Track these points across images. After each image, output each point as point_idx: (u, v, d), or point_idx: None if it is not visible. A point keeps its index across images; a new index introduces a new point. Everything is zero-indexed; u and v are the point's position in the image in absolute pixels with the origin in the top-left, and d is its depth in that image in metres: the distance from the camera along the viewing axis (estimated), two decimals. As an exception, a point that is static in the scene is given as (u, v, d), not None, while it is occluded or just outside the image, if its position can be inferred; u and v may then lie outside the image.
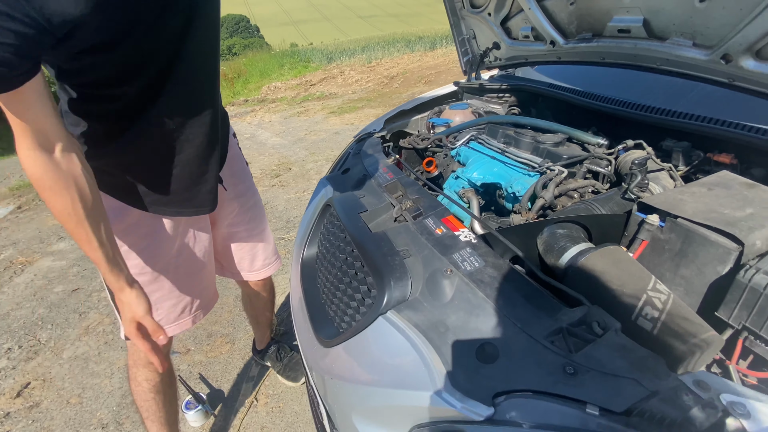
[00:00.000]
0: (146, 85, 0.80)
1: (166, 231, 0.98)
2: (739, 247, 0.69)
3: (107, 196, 0.89)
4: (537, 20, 1.32)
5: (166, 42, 0.79)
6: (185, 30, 0.81)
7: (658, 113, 1.08)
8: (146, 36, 0.74)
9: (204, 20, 0.84)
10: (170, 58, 0.80)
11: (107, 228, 0.80)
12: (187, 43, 0.81)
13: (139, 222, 0.95)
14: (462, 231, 0.86)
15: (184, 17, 0.79)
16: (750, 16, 0.79)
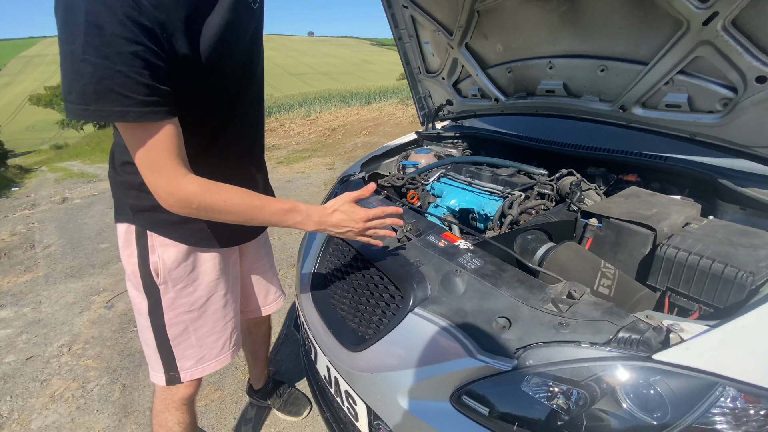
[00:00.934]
0: (216, 124, 0.91)
1: (212, 265, 1.03)
2: (653, 233, 1.00)
3: (160, 236, 0.93)
4: (483, 83, 1.70)
5: (241, 89, 0.93)
6: (248, 74, 0.94)
7: (580, 148, 1.45)
8: (229, 81, 0.87)
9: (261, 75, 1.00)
10: (235, 100, 0.93)
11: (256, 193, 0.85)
12: (247, 87, 0.95)
13: (191, 260, 0.99)
14: (460, 242, 1.08)
15: (252, 72, 0.95)
16: (634, 82, 1.18)
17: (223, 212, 0.81)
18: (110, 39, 0.62)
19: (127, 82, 0.65)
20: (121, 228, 0.96)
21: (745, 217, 1.06)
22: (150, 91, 0.68)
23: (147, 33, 0.65)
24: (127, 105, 0.66)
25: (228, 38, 0.80)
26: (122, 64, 0.64)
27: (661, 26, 1.05)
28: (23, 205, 6.41)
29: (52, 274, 3.19)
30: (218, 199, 0.79)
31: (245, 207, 0.82)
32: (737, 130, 1.03)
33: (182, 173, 0.76)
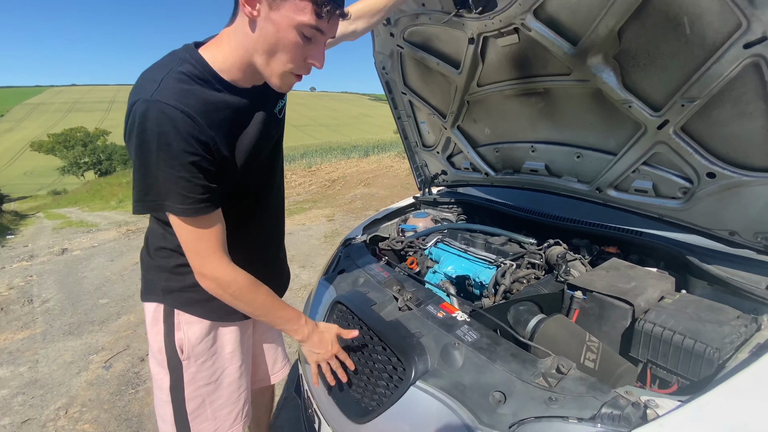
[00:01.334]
0: (244, 212, 1.03)
1: (231, 338, 1.10)
2: (631, 308, 1.10)
3: (186, 314, 1.02)
4: (474, 159, 1.89)
5: (267, 184, 1.08)
6: (271, 170, 1.09)
7: (564, 221, 1.60)
8: (259, 179, 1.02)
9: (282, 169, 1.15)
10: (259, 191, 1.06)
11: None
12: (269, 181, 1.09)
13: (212, 334, 1.07)
14: (457, 313, 1.17)
15: (276, 169, 1.10)
16: (606, 168, 1.35)
17: (247, 304, 0.96)
18: (176, 153, 0.78)
19: (187, 185, 0.80)
20: (149, 307, 1.05)
21: (712, 292, 1.17)
22: (203, 190, 0.83)
23: (203, 146, 0.81)
24: (187, 203, 0.81)
25: (258, 145, 0.96)
26: (184, 172, 0.79)
27: (624, 126, 1.23)
28: (21, 255, 6.42)
29: (50, 331, 3.18)
30: (250, 293, 0.94)
31: (266, 305, 0.98)
32: (698, 214, 1.18)
33: (226, 261, 0.91)
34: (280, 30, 0.76)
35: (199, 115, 0.79)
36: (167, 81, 0.78)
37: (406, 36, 1.61)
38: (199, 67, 0.82)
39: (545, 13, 1.16)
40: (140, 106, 0.76)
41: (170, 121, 0.75)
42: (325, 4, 0.74)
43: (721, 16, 0.85)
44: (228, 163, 0.88)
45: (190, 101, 0.79)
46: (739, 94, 0.93)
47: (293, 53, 0.80)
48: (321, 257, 4.45)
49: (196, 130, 0.78)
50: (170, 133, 0.76)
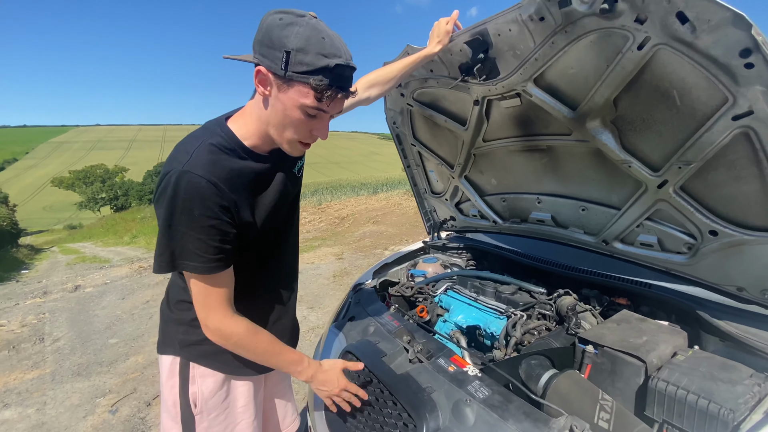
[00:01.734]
0: (259, 266, 1.08)
1: (243, 392, 1.12)
2: (644, 364, 1.10)
3: (201, 366, 1.05)
4: (481, 207, 1.94)
5: (284, 242, 1.13)
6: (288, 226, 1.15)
7: (574, 270, 1.61)
8: (276, 237, 1.08)
9: (298, 225, 1.22)
10: (275, 247, 1.12)
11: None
12: (286, 237, 1.15)
13: (225, 388, 1.09)
14: (469, 367, 1.17)
15: (293, 227, 1.17)
16: (611, 222, 1.40)
17: (249, 351, 1.00)
18: (197, 217, 0.85)
19: (203, 246, 0.87)
20: (166, 360, 1.07)
21: (725, 348, 1.16)
22: (217, 251, 0.89)
23: (224, 210, 0.89)
24: (201, 262, 0.88)
25: (277, 204, 1.04)
26: (203, 234, 0.86)
27: (625, 183, 1.29)
28: (35, 291, 6.52)
29: (59, 371, 3.18)
30: (251, 341, 0.99)
31: (268, 351, 1.03)
32: (704, 270, 1.20)
33: (230, 313, 0.97)
34: (287, 109, 0.85)
35: (223, 182, 0.87)
36: (198, 152, 0.87)
37: (416, 96, 1.73)
38: (227, 138, 0.92)
39: (545, 81, 1.25)
40: (173, 176, 0.84)
41: (196, 189, 0.84)
42: (325, 90, 0.81)
43: (708, 91, 0.93)
44: (248, 222, 0.95)
45: (216, 170, 0.87)
46: (733, 160, 0.98)
47: (299, 128, 0.89)
48: (330, 298, 4.45)
49: (218, 196, 0.86)
50: (194, 199, 0.84)
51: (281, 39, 0.78)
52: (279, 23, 0.79)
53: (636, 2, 0.91)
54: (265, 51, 0.80)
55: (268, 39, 0.79)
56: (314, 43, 0.78)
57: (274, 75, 0.81)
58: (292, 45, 0.77)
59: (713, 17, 0.83)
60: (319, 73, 0.79)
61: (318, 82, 0.80)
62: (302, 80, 0.80)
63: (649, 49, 0.97)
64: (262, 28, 0.81)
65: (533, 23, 1.12)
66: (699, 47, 0.88)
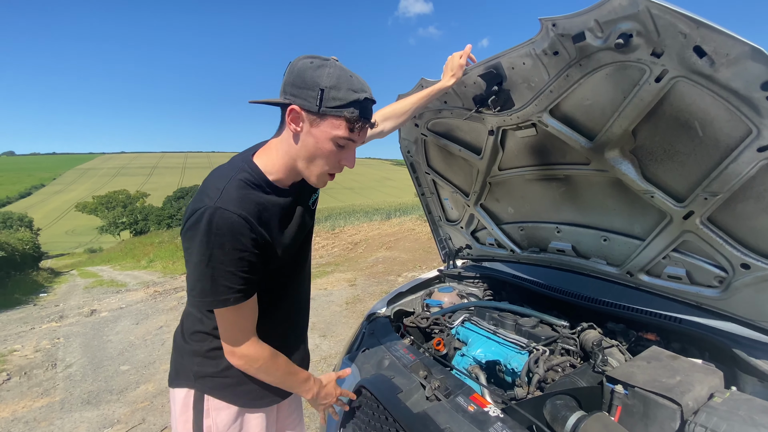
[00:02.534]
0: (276, 294, 1.09)
1: (257, 424, 1.11)
2: (679, 407, 1.03)
3: (215, 399, 1.04)
4: (498, 236, 1.91)
5: (300, 272, 1.17)
6: (303, 256, 1.17)
7: (597, 303, 1.55)
8: (293, 267, 1.11)
9: (311, 255, 1.24)
10: (291, 274, 1.14)
11: None
12: (302, 266, 1.17)
13: (239, 421, 1.08)
14: (489, 407, 1.12)
15: (307, 258, 1.19)
16: (635, 253, 1.35)
17: (271, 374, 1.05)
18: (228, 250, 0.87)
19: (232, 278, 0.89)
20: (179, 393, 1.06)
21: (764, 389, 1.08)
22: (245, 281, 0.91)
23: (253, 242, 0.91)
24: (229, 293, 0.90)
25: (296, 237, 1.06)
26: (232, 267, 0.88)
27: (648, 213, 1.25)
28: (51, 315, 6.61)
29: (69, 400, 3.16)
30: (273, 364, 1.04)
31: (287, 372, 1.09)
32: (738, 304, 1.14)
33: (255, 339, 1.00)
34: (318, 142, 0.91)
35: (252, 216, 0.90)
36: (228, 189, 0.90)
37: (430, 126, 1.75)
38: (255, 174, 0.95)
39: (560, 112, 1.26)
40: (206, 212, 0.86)
41: (228, 224, 0.86)
42: (357, 121, 0.89)
43: (731, 122, 0.91)
44: (272, 254, 0.98)
45: (246, 205, 0.90)
46: (761, 191, 0.95)
47: (329, 159, 0.95)
48: (342, 326, 4.38)
49: (247, 229, 0.89)
50: (227, 234, 0.86)
51: (314, 79, 0.86)
52: (311, 66, 0.87)
53: (652, 37, 0.92)
54: (297, 91, 0.87)
55: (300, 80, 0.87)
56: (344, 81, 0.87)
57: (307, 112, 0.88)
58: (325, 83, 0.85)
59: (731, 51, 0.82)
60: (351, 106, 0.87)
61: (351, 114, 0.88)
62: (336, 114, 0.87)
63: (667, 81, 0.97)
64: (293, 71, 0.88)
65: (547, 57, 1.13)
66: (719, 80, 0.88)
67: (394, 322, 1.89)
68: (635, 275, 1.40)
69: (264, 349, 1.01)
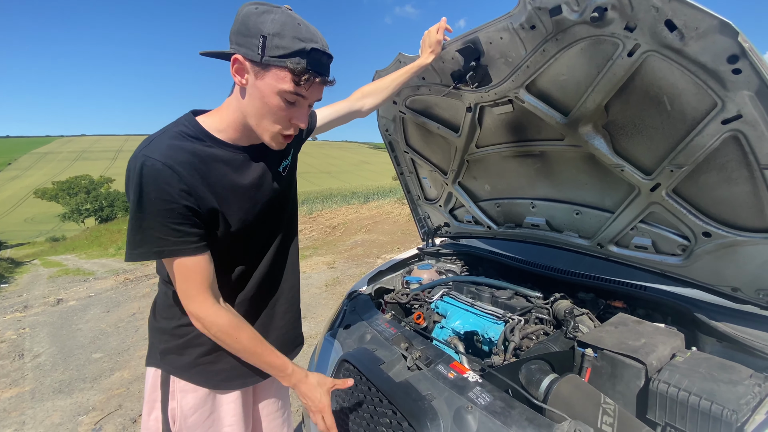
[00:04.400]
0: (247, 265, 1.03)
1: (230, 409, 1.06)
2: (644, 366, 1.10)
3: (182, 381, 1.00)
4: (475, 213, 1.95)
5: (265, 240, 1.08)
6: (275, 233, 1.10)
7: (569, 274, 1.62)
8: (252, 234, 1.01)
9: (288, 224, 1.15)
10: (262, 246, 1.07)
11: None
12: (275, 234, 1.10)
13: (209, 405, 1.04)
14: (469, 373, 1.16)
15: (276, 225, 1.09)
16: (605, 225, 1.41)
17: (230, 346, 0.95)
18: (154, 201, 0.83)
19: (163, 229, 0.84)
20: (150, 372, 1.03)
21: (722, 349, 1.17)
22: (181, 234, 0.86)
23: (183, 194, 0.85)
24: (162, 245, 0.85)
25: (254, 198, 0.99)
26: (160, 217, 0.83)
27: (618, 186, 1.31)
28: (14, 306, 6.29)
29: (40, 389, 3.05)
30: (231, 335, 0.94)
31: (248, 350, 0.96)
32: (699, 271, 1.22)
33: (211, 302, 0.92)
34: (264, 96, 0.85)
35: (181, 165, 0.85)
36: (159, 139, 0.86)
37: (408, 104, 1.74)
38: (192, 127, 0.90)
39: (536, 88, 1.27)
40: (131, 162, 0.84)
41: (151, 172, 0.82)
42: (303, 73, 0.82)
43: (697, 96, 0.95)
44: (214, 210, 0.91)
45: (175, 154, 0.85)
46: (724, 162, 1.00)
47: (278, 116, 0.88)
48: (322, 307, 4.39)
49: (175, 179, 0.84)
50: (151, 183, 0.82)
51: (257, 25, 0.80)
52: (255, 11, 0.81)
53: (626, 11, 0.93)
54: (241, 40, 0.82)
55: (244, 27, 0.81)
56: (290, 28, 0.80)
57: (251, 62, 0.82)
58: (267, 30, 0.79)
59: (701, 25, 0.85)
60: (296, 55, 0.81)
61: (295, 65, 0.81)
62: (279, 64, 0.81)
63: (639, 55, 0.99)
64: (238, 18, 0.82)
65: (524, 31, 1.13)
66: (688, 54, 0.91)
67: (375, 299, 1.91)
68: (605, 246, 1.46)
69: (220, 316, 0.92)
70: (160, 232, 0.84)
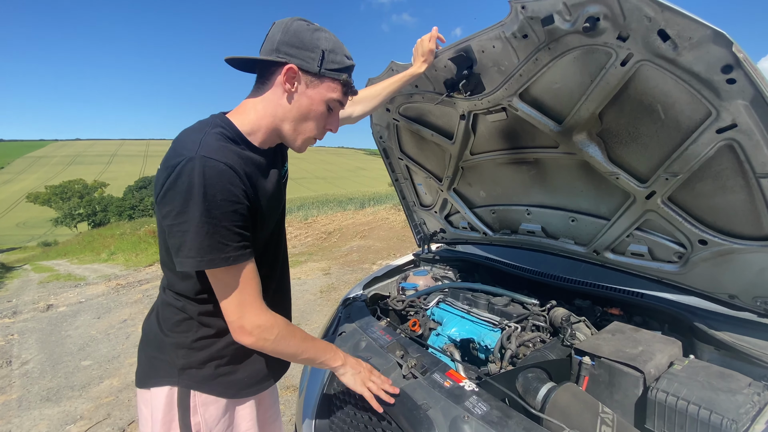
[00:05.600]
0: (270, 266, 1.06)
1: (246, 413, 1.08)
2: (642, 375, 1.09)
3: (202, 394, 0.99)
4: (471, 219, 1.95)
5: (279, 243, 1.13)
6: (283, 236, 1.14)
7: (565, 281, 1.62)
8: (274, 236, 1.07)
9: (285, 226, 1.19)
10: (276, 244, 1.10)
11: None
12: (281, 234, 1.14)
13: (229, 413, 1.04)
14: (465, 382, 1.14)
15: (283, 227, 1.15)
16: (601, 232, 1.41)
17: (290, 344, 0.96)
18: (220, 203, 0.81)
19: (227, 234, 0.83)
20: (159, 392, 0.98)
21: (720, 357, 1.17)
22: (241, 238, 0.86)
23: (243, 194, 0.85)
24: (230, 251, 0.84)
25: (276, 200, 1.03)
26: (226, 221, 0.82)
27: (613, 194, 1.31)
28: (3, 312, 6.18)
29: (27, 397, 2.98)
30: (290, 332, 0.96)
31: (306, 339, 1.00)
32: (696, 278, 1.21)
33: (265, 307, 0.93)
34: (313, 103, 0.93)
35: (237, 166, 0.86)
36: (207, 140, 0.84)
37: (401, 111, 1.74)
38: (230, 129, 0.90)
39: (530, 96, 1.27)
40: (187, 164, 0.79)
41: (216, 173, 0.80)
42: (350, 85, 0.95)
43: (692, 105, 0.95)
44: (259, 212, 0.93)
45: (229, 155, 0.85)
46: (719, 171, 1.01)
47: (319, 122, 0.97)
48: (317, 314, 4.35)
49: (237, 179, 0.84)
50: (216, 185, 0.80)
51: (314, 41, 0.88)
52: (308, 28, 0.89)
53: (618, 20, 0.94)
54: (294, 51, 0.88)
55: (298, 41, 0.88)
56: (339, 47, 0.92)
57: (306, 72, 0.90)
58: (324, 46, 0.89)
59: (694, 35, 0.85)
60: (346, 71, 0.93)
61: (347, 78, 0.93)
62: (334, 76, 0.91)
63: (632, 65, 1.00)
64: (288, 31, 0.88)
65: (516, 40, 1.14)
66: (681, 63, 0.91)
67: (370, 305, 1.89)
68: (601, 253, 1.46)
69: (276, 317, 0.93)
70: (225, 237, 0.82)
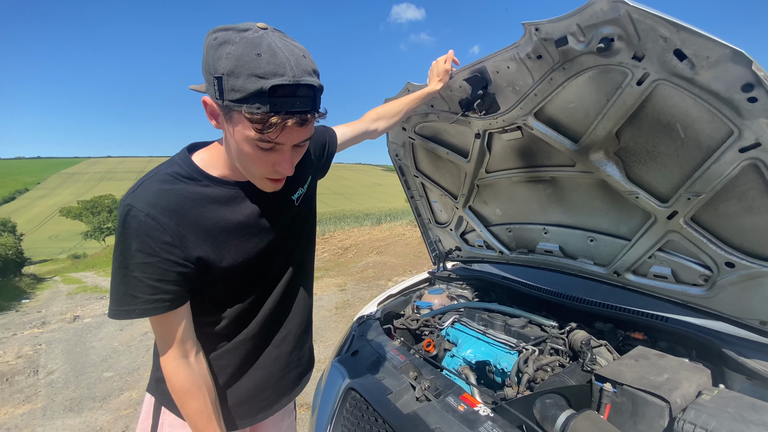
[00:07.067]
0: (244, 309, 0.95)
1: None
2: (667, 405, 1.04)
3: (171, 414, 0.95)
4: (487, 237, 1.92)
5: (271, 277, 0.99)
6: (284, 269, 1.01)
7: (585, 303, 1.57)
8: (255, 272, 0.93)
9: (301, 257, 1.06)
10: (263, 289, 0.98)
11: (221, 418, 0.90)
12: (283, 279, 1.01)
13: None
14: (480, 406, 1.11)
15: (284, 261, 1.00)
16: (621, 253, 1.37)
17: (185, 410, 0.87)
18: (134, 253, 0.76)
19: (138, 286, 0.77)
20: (147, 398, 1.00)
21: (752, 387, 1.10)
22: (155, 290, 0.78)
23: (166, 246, 0.77)
24: (133, 304, 0.78)
25: (250, 232, 0.89)
26: (137, 272, 0.76)
27: (633, 213, 1.27)
28: (33, 321, 6.43)
29: (51, 407, 3.07)
30: (180, 399, 0.86)
31: (188, 416, 0.87)
32: (724, 303, 1.16)
33: (173, 357, 0.85)
34: (237, 142, 0.74)
35: (167, 213, 0.78)
36: (147, 183, 0.80)
37: (417, 130, 1.76)
38: (186, 167, 0.83)
39: (545, 115, 1.27)
40: (119, 209, 0.79)
41: (135, 224, 0.76)
42: (264, 120, 0.67)
43: (712, 124, 0.93)
44: (204, 257, 0.84)
45: (161, 201, 0.78)
46: (744, 191, 0.97)
47: (257, 163, 0.77)
48: (332, 331, 4.34)
49: (157, 231, 0.77)
50: (132, 235, 0.76)
51: (213, 63, 0.67)
52: (213, 43, 0.67)
53: (632, 41, 0.93)
54: (205, 77, 0.70)
55: (205, 63, 0.69)
56: (246, 62, 0.65)
57: (218, 105, 0.70)
58: (222, 68, 0.66)
59: (711, 54, 0.84)
60: (254, 99, 0.65)
61: (253, 112, 0.66)
62: (238, 109, 0.67)
63: (649, 84, 0.99)
64: (204, 49, 0.70)
65: (531, 61, 1.15)
66: (699, 82, 0.89)
67: (384, 324, 1.88)
68: (622, 275, 1.41)
69: (180, 375, 0.84)
70: (135, 288, 0.77)
